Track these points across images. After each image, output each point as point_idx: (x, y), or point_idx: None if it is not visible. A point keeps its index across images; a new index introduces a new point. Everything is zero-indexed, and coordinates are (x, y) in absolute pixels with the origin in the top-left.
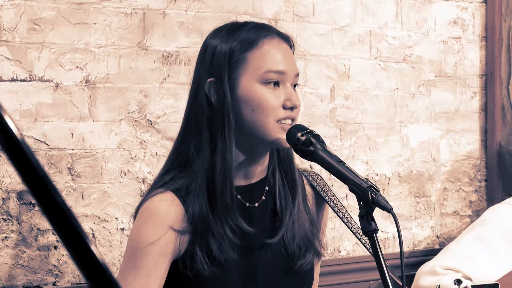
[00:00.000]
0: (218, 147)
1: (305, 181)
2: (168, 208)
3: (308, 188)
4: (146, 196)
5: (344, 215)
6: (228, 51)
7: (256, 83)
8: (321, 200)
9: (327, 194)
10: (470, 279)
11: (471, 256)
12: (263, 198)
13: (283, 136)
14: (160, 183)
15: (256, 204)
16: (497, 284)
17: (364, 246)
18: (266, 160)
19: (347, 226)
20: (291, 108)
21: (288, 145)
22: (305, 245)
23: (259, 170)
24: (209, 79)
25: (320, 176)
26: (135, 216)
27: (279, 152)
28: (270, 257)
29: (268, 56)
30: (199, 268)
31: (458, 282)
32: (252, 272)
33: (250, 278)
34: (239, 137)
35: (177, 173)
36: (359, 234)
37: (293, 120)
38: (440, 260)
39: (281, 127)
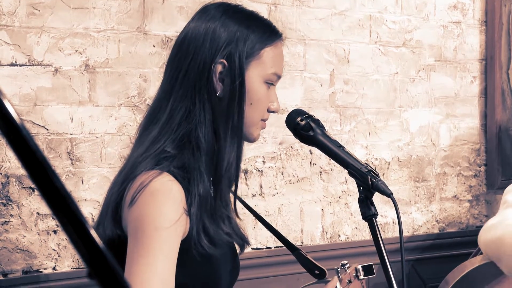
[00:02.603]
0: (225, 135)
1: None
2: (179, 188)
3: None
4: (137, 171)
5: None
6: (248, 40)
7: (261, 80)
8: None
9: None
10: None
11: None
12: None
13: (259, 133)
14: (152, 163)
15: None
16: (371, 264)
17: (277, 235)
18: None
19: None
20: (272, 111)
21: (256, 140)
22: (241, 233)
23: None
24: (221, 60)
25: None
26: (130, 194)
27: None
28: (230, 244)
29: (279, 59)
30: (205, 249)
31: (342, 265)
32: (228, 256)
33: (229, 260)
34: None
35: (166, 153)
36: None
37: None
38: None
39: (261, 125)
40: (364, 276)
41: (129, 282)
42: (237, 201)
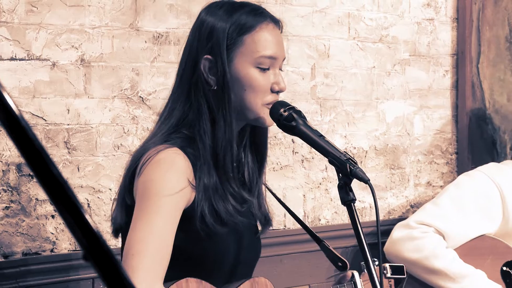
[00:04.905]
0: (219, 121)
1: None
2: (184, 161)
3: None
4: (146, 150)
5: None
6: (227, 31)
7: (250, 65)
8: None
9: None
10: (441, 234)
11: (444, 215)
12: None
13: (268, 117)
14: (160, 141)
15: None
16: (403, 266)
17: (293, 215)
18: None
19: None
20: (278, 92)
21: (270, 124)
22: (267, 213)
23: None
24: (205, 56)
25: None
26: (138, 166)
27: (254, 129)
28: (247, 222)
29: (264, 42)
30: (209, 227)
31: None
32: (240, 234)
33: (240, 239)
34: None
35: (171, 134)
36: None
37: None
38: (415, 216)
39: (267, 109)
40: (391, 275)
41: (129, 240)
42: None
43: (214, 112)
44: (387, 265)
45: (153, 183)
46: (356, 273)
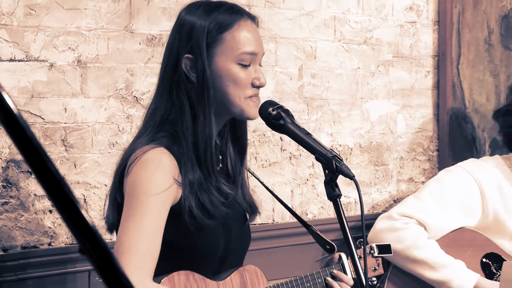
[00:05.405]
0: (199, 116)
1: None
2: (170, 160)
3: None
4: (134, 150)
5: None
6: (206, 30)
7: (231, 62)
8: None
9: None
10: (423, 225)
11: (425, 209)
12: (220, 164)
13: (253, 109)
14: (147, 141)
15: (218, 168)
16: (389, 244)
17: (282, 203)
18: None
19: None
20: (258, 87)
21: (254, 117)
22: (252, 202)
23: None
24: (186, 55)
25: None
26: (127, 166)
27: (234, 123)
28: (234, 213)
29: (244, 39)
30: (198, 220)
31: (360, 243)
32: (229, 225)
33: (229, 230)
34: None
35: (157, 133)
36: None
37: (257, 95)
38: (398, 208)
39: (251, 102)
40: (378, 254)
41: (119, 238)
42: (251, 177)
43: (195, 108)
44: (374, 245)
45: (141, 183)
46: (343, 255)
